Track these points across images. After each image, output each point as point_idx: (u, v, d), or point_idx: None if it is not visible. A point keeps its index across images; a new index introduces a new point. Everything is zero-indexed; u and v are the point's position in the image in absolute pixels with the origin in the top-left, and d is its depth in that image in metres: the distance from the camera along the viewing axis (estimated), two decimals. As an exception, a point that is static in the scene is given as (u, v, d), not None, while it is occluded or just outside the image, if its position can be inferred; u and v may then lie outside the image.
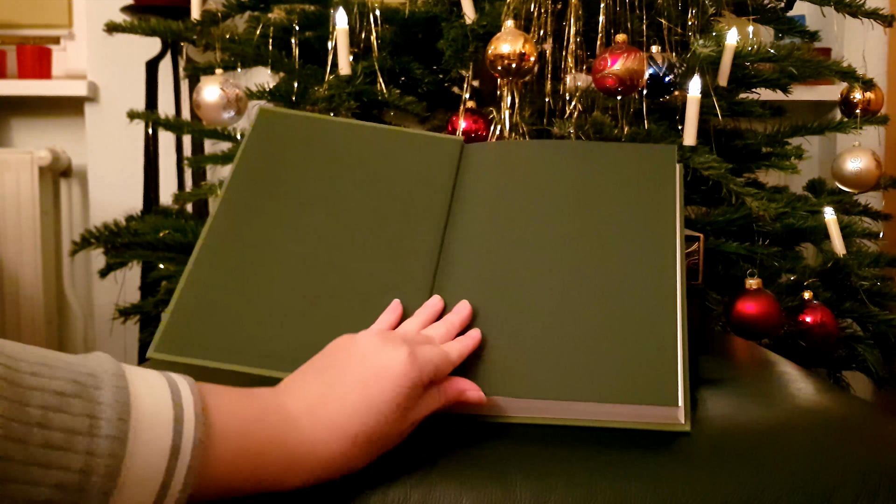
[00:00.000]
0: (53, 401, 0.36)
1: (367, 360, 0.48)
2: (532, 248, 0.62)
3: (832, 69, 1.08)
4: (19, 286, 2.09)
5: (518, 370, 0.55)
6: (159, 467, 0.38)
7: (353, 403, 0.46)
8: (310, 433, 0.45)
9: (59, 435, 0.36)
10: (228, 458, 0.42)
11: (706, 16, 1.05)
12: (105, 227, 1.27)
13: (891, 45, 2.02)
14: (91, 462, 0.36)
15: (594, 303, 0.58)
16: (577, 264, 0.61)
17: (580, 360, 0.55)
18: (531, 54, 0.94)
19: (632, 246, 0.61)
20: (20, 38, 2.21)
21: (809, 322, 1.02)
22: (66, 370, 0.38)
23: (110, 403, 0.38)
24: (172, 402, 0.40)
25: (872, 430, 0.56)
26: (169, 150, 2.01)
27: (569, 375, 0.54)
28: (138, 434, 0.38)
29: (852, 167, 1.19)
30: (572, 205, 0.65)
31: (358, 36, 1.09)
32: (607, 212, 0.64)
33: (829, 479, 0.49)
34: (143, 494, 0.38)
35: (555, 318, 0.58)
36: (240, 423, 0.43)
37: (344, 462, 0.46)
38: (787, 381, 0.66)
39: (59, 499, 0.36)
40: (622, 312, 0.57)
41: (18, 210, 2.07)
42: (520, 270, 0.61)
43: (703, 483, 0.48)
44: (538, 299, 0.59)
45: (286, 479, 0.44)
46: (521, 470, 0.48)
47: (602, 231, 0.63)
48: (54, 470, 0.36)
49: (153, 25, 1.21)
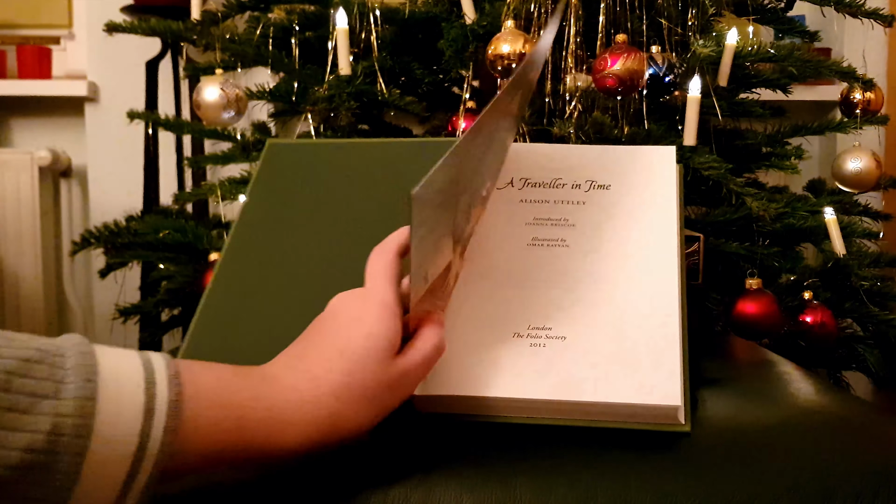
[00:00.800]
0: (17, 366, 0.36)
1: (342, 313, 0.49)
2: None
3: (832, 69, 1.08)
4: (19, 286, 2.09)
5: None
6: (133, 428, 0.38)
7: (327, 352, 0.46)
8: (291, 385, 0.45)
9: (25, 398, 0.36)
10: (208, 417, 0.41)
11: (706, 16, 1.05)
12: (105, 227, 1.27)
13: (891, 45, 2.02)
14: (59, 423, 0.36)
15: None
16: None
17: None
18: (531, 54, 0.94)
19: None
20: (20, 38, 2.22)
21: (809, 322, 1.02)
22: (29, 341, 0.38)
23: (74, 367, 0.38)
24: (143, 367, 0.40)
25: (872, 430, 0.56)
26: (169, 150, 2.01)
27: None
28: (107, 393, 0.38)
29: (852, 167, 1.19)
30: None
31: (358, 36, 1.09)
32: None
33: (828, 479, 0.49)
34: (119, 457, 0.38)
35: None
36: (215, 380, 0.43)
37: (334, 419, 0.45)
38: (787, 381, 0.66)
39: (31, 461, 0.35)
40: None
41: (18, 210, 2.07)
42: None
43: (703, 483, 0.48)
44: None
45: (275, 440, 0.43)
46: (522, 471, 0.48)
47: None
48: (21, 433, 0.35)
49: (153, 25, 1.21)
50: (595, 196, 0.65)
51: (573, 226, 0.63)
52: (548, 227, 0.64)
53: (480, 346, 0.56)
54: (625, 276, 0.59)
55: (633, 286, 0.59)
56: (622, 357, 0.55)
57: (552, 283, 0.60)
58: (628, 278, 0.59)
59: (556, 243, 0.62)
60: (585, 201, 0.65)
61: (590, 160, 0.68)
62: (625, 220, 0.63)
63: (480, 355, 0.55)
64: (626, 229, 0.62)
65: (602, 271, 0.60)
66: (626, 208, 0.64)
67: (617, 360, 0.54)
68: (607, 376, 0.53)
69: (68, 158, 2.21)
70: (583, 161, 0.68)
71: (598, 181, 0.66)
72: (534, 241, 0.63)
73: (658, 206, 0.64)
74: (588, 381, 0.53)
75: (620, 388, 0.53)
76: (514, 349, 0.56)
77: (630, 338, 0.56)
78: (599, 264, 0.60)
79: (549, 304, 0.58)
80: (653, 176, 0.66)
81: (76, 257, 1.66)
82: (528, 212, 0.65)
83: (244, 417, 0.43)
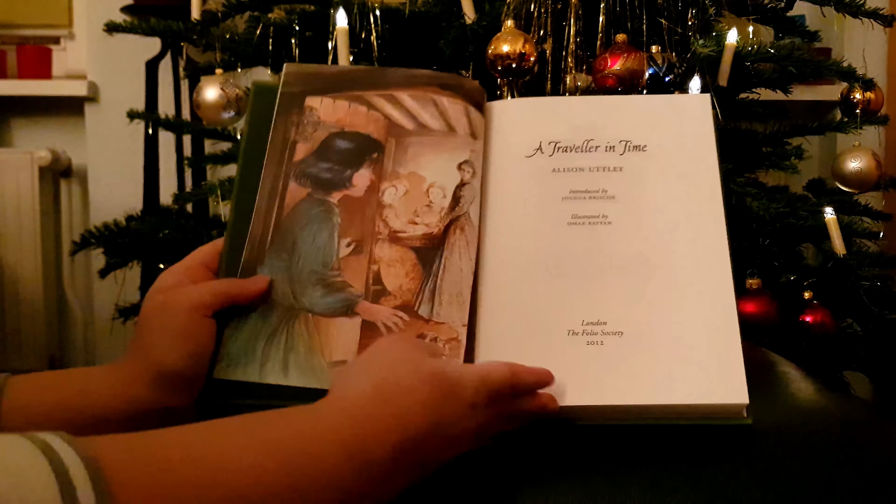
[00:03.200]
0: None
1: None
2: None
3: (832, 69, 1.09)
4: (19, 286, 2.09)
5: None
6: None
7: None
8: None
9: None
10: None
11: (706, 16, 1.05)
12: (105, 227, 1.27)
13: (891, 45, 2.02)
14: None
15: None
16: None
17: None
18: (531, 54, 0.94)
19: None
20: (20, 37, 2.21)
21: (809, 322, 1.02)
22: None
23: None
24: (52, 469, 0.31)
25: (872, 430, 0.56)
26: (169, 150, 2.01)
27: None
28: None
29: (852, 167, 1.18)
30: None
31: (358, 36, 1.09)
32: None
33: (828, 479, 0.49)
34: None
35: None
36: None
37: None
38: (787, 381, 0.66)
39: None
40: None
41: (18, 210, 2.07)
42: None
43: (703, 483, 0.48)
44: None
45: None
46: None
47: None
48: None
49: (153, 25, 1.21)
50: (632, 160, 0.60)
51: (613, 198, 0.59)
52: (586, 200, 0.59)
53: (536, 349, 0.53)
54: (674, 256, 0.55)
55: (683, 266, 0.55)
56: (683, 352, 0.52)
57: (599, 269, 0.56)
58: (678, 258, 0.55)
59: (597, 220, 0.58)
60: (623, 167, 0.60)
61: (621, 114, 0.62)
62: (666, 188, 0.58)
63: (537, 360, 0.52)
64: (669, 198, 0.58)
65: (650, 251, 0.56)
66: (666, 173, 0.59)
67: (678, 356, 0.52)
68: (671, 376, 0.51)
69: (68, 158, 2.21)
70: (614, 116, 0.62)
71: (633, 141, 0.61)
72: (574, 218, 0.58)
73: (698, 165, 0.59)
74: (652, 383, 0.51)
75: (685, 389, 0.51)
76: (572, 350, 0.53)
77: (688, 328, 0.53)
78: (646, 243, 0.56)
79: (600, 295, 0.55)
80: (689, 131, 0.61)
81: (76, 257, 1.66)
82: (564, 184, 0.60)
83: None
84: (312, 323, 0.55)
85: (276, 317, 0.55)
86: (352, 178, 0.59)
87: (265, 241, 0.58)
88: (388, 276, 0.56)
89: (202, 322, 0.52)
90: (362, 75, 0.64)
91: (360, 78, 0.64)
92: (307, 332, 0.55)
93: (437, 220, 0.58)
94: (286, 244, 0.57)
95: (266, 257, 0.57)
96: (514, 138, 0.63)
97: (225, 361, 0.54)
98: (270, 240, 0.58)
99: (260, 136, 0.61)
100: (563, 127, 0.62)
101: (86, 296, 2.23)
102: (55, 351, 2.17)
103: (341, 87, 0.63)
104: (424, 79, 0.63)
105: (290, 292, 0.56)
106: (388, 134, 0.61)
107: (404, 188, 0.59)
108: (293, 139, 0.61)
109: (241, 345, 0.54)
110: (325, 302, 0.56)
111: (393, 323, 0.55)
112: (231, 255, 0.58)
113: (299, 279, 0.56)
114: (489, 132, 0.63)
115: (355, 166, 0.60)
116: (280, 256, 0.57)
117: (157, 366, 0.51)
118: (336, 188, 0.59)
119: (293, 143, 0.61)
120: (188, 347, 0.51)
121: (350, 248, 0.58)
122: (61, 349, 2.22)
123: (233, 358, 0.54)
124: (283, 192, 0.59)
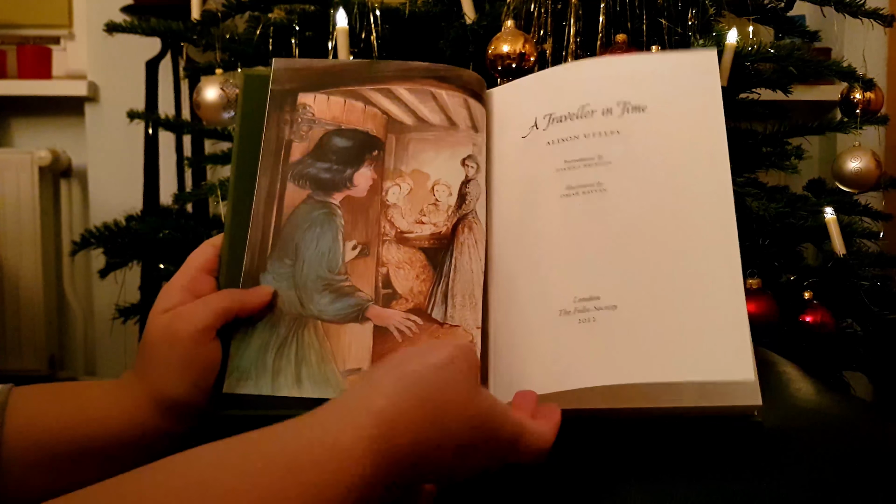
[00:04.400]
0: None
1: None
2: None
3: (832, 69, 1.09)
4: (19, 286, 2.09)
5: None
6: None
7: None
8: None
9: None
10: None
11: (706, 16, 1.05)
12: (105, 227, 1.27)
13: (891, 45, 2.02)
14: None
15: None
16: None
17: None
18: (531, 54, 0.94)
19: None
20: (20, 37, 2.22)
21: (809, 322, 1.02)
22: None
23: None
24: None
25: (872, 430, 0.56)
26: (169, 150, 2.01)
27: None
28: None
29: (852, 167, 1.18)
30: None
31: (358, 35, 1.09)
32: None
33: (828, 479, 0.49)
34: None
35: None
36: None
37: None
38: (787, 381, 0.66)
39: None
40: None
41: (18, 210, 2.07)
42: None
43: (702, 483, 0.48)
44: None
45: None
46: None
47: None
48: None
49: (153, 25, 1.21)
50: (630, 122, 0.55)
51: (609, 163, 0.54)
52: (580, 169, 0.55)
53: (526, 334, 0.51)
54: (675, 223, 0.52)
55: (685, 234, 0.51)
56: (683, 325, 0.48)
57: (592, 241, 0.52)
58: (679, 225, 0.52)
59: (591, 189, 0.54)
60: (619, 130, 0.55)
61: (619, 75, 0.58)
62: (668, 151, 0.54)
63: (528, 346, 0.50)
64: (670, 162, 0.54)
65: (647, 218, 0.52)
66: (667, 135, 0.54)
67: (677, 330, 0.48)
68: (669, 350, 0.47)
69: (68, 158, 2.21)
70: (611, 77, 0.58)
71: (631, 102, 0.56)
72: (567, 190, 0.55)
73: (702, 127, 0.54)
74: (647, 358, 0.47)
75: (684, 364, 0.47)
76: (563, 331, 0.50)
77: (689, 300, 0.49)
78: (644, 210, 0.52)
79: (593, 268, 0.51)
80: (693, 90, 0.56)
81: (76, 257, 1.66)
82: (557, 154, 0.56)
83: None
84: (322, 330, 0.53)
85: (284, 326, 0.53)
86: (352, 177, 0.58)
87: (266, 247, 0.55)
88: (397, 279, 0.54)
89: (207, 348, 0.50)
90: (355, 69, 0.61)
91: (353, 72, 0.61)
92: (317, 341, 0.53)
93: (444, 218, 0.56)
94: (288, 249, 0.55)
95: (268, 264, 0.55)
96: (511, 122, 0.60)
97: (235, 375, 0.51)
98: (271, 245, 0.55)
99: (254, 131, 0.58)
100: (558, 96, 0.58)
101: (86, 296, 2.23)
102: (55, 351, 2.17)
103: (335, 82, 0.60)
104: (421, 71, 0.61)
105: (297, 299, 0.54)
106: (388, 130, 0.59)
107: (408, 186, 0.57)
108: (288, 138, 0.58)
109: (251, 357, 0.52)
110: (334, 308, 0.54)
111: (406, 327, 0.53)
112: (231, 261, 0.55)
113: (305, 285, 0.54)
114: (489, 121, 0.60)
115: (355, 165, 0.58)
116: (283, 263, 0.55)
117: (159, 395, 0.50)
118: (337, 189, 0.57)
119: (288, 142, 0.58)
120: (192, 378, 0.49)
121: (356, 251, 0.55)
122: (61, 349, 2.22)
123: (243, 371, 0.52)
124: (281, 194, 0.57)
